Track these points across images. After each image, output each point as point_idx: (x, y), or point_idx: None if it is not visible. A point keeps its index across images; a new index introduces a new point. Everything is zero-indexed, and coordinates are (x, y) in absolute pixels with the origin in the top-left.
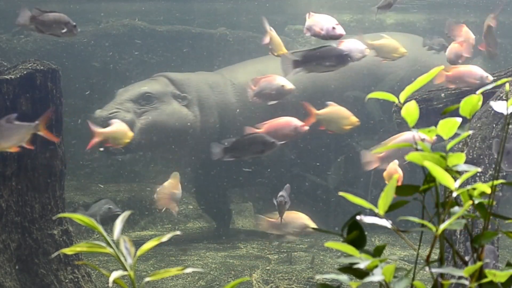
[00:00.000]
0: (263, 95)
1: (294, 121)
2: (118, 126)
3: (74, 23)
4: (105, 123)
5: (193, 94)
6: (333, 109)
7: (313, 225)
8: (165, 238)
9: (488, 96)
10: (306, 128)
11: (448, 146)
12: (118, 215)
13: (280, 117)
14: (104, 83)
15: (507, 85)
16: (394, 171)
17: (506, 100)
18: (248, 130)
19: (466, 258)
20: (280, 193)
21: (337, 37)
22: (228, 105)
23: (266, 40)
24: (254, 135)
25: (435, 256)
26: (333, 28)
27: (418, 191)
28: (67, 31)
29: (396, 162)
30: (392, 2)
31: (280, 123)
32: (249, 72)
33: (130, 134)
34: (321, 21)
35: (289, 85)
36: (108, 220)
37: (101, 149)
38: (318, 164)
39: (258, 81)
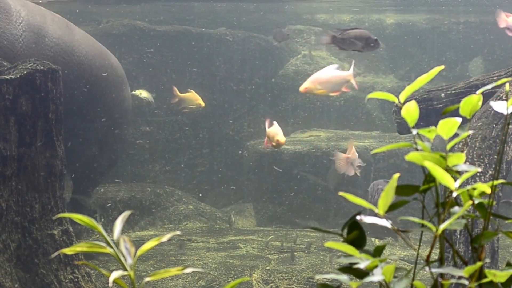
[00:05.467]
0: None
1: None
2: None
3: (375, 37)
4: None
5: None
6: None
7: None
8: (165, 238)
9: (488, 96)
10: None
11: (448, 146)
12: None
13: None
14: None
15: (507, 85)
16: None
17: (506, 100)
18: None
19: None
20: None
21: None
22: (9, 35)
23: None
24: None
25: (435, 256)
26: None
27: (418, 191)
28: (369, 46)
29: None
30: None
31: None
32: (38, 14)
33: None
34: None
35: None
36: None
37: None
38: None
39: None
